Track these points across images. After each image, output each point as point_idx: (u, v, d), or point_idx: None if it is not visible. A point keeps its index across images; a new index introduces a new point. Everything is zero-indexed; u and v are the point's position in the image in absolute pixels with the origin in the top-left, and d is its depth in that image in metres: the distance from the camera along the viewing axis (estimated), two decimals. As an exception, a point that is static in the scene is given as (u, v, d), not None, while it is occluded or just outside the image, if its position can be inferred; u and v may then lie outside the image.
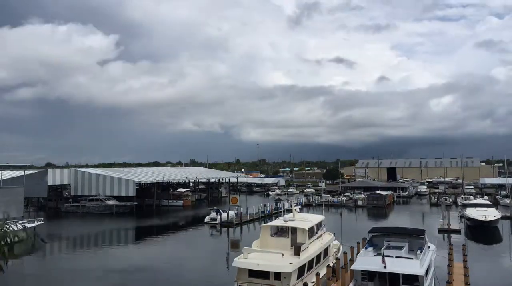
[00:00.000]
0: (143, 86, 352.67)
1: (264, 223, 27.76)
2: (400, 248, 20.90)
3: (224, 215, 51.90)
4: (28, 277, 27.66)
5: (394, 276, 18.44)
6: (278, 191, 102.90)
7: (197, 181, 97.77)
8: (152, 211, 70.38)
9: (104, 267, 31.67)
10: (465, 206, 57.02)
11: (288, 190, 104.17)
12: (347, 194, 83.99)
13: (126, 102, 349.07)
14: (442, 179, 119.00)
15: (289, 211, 32.22)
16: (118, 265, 32.45)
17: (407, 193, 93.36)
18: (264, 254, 20.84)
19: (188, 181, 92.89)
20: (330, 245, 25.65)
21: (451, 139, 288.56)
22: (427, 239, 23.02)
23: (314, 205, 73.36)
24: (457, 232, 43.18)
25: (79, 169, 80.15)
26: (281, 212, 55.78)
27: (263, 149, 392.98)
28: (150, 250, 39.32)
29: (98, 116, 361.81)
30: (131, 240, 48.18)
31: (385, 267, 18.30)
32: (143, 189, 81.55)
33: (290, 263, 19.62)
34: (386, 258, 18.61)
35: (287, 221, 24.16)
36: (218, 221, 51.37)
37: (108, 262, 34.00)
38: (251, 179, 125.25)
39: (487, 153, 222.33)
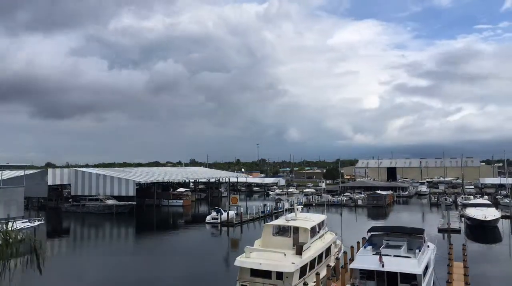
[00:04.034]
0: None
1: (264, 222, 27.84)
2: (399, 247, 20.96)
3: (224, 215, 52.00)
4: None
5: (392, 275, 18.55)
6: (278, 191, 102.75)
7: (197, 181, 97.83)
8: (152, 210, 70.42)
9: (103, 267, 31.76)
10: (465, 205, 57.11)
11: (288, 190, 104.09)
12: (347, 193, 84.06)
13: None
14: (442, 179, 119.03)
15: (290, 210, 32.28)
16: (117, 265, 32.52)
17: (407, 192, 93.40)
18: (266, 253, 20.86)
19: (188, 181, 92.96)
20: (331, 244, 25.71)
21: None
22: (426, 238, 23.12)
23: (314, 204, 73.44)
24: (457, 231, 43.24)
25: (79, 169, 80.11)
26: (281, 211, 55.81)
27: (263, 149, 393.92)
28: (150, 249, 39.35)
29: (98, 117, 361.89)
30: (131, 239, 48.26)
31: (383, 266, 18.40)
32: (143, 189, 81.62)
33: (292, 263, 19.66)
34: (384, 257, 18.71)
35: (289, 220, 24.19)
36: (219, 221, 51.49)
37: (107, 262, 34.07)
38: (251, 179, 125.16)
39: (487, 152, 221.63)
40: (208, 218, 53.30)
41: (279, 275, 19.49)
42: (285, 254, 20.29)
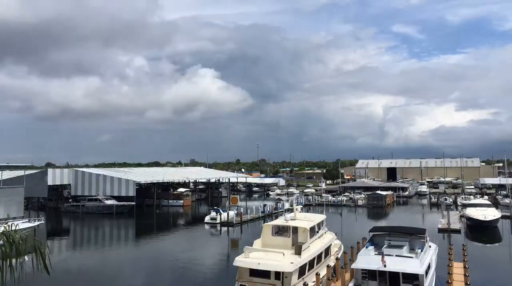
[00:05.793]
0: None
1: (264, 222, 27.77)
2: (401, 247, 20.90)
3: (224, 215, 51.95)
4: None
5: (394, 275, 18.48)
6: (278, 191, 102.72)
7: (197, 181, 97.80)
8: (152, 210, 70.39)
9: (103, 267, 31.71)
10: (465, 205, 56.96)
11: (288, 190, 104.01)
12: (347, 193, 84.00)
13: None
14: (442, 179, 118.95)
15: (290, 210, 32.23)
16: (118, 265, 32.48)
17: (407, 192, 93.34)
18: (265, 253, 20.79)
19: (188, 181, 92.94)
20: (331, 244, 25.64)
21: None
22: (428, 238, 23.04)
23: (314, 204, 73.38)
24: (457, 231, 43.17)
25: (79, 169, 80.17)
26: (281, 212, 55.78)
27: (263, 149, 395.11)
28: (150, 249, 39.33)
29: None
30: (131, 239, 48.19)
31: (385, 266, 18.33)
32: (143, 189, 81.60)
33: (291, 263, 19.60)
34: (386, 257, 18.64)
35: (288, 220, 24.11)
36: (218, 221, 51.45)
37: (107, 262, 34.02)
38: (251, 179, 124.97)
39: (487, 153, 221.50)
40: (207, 218, 53.25)
41: (278, 275, 19.42)
42: (284, 254, 20.23)
